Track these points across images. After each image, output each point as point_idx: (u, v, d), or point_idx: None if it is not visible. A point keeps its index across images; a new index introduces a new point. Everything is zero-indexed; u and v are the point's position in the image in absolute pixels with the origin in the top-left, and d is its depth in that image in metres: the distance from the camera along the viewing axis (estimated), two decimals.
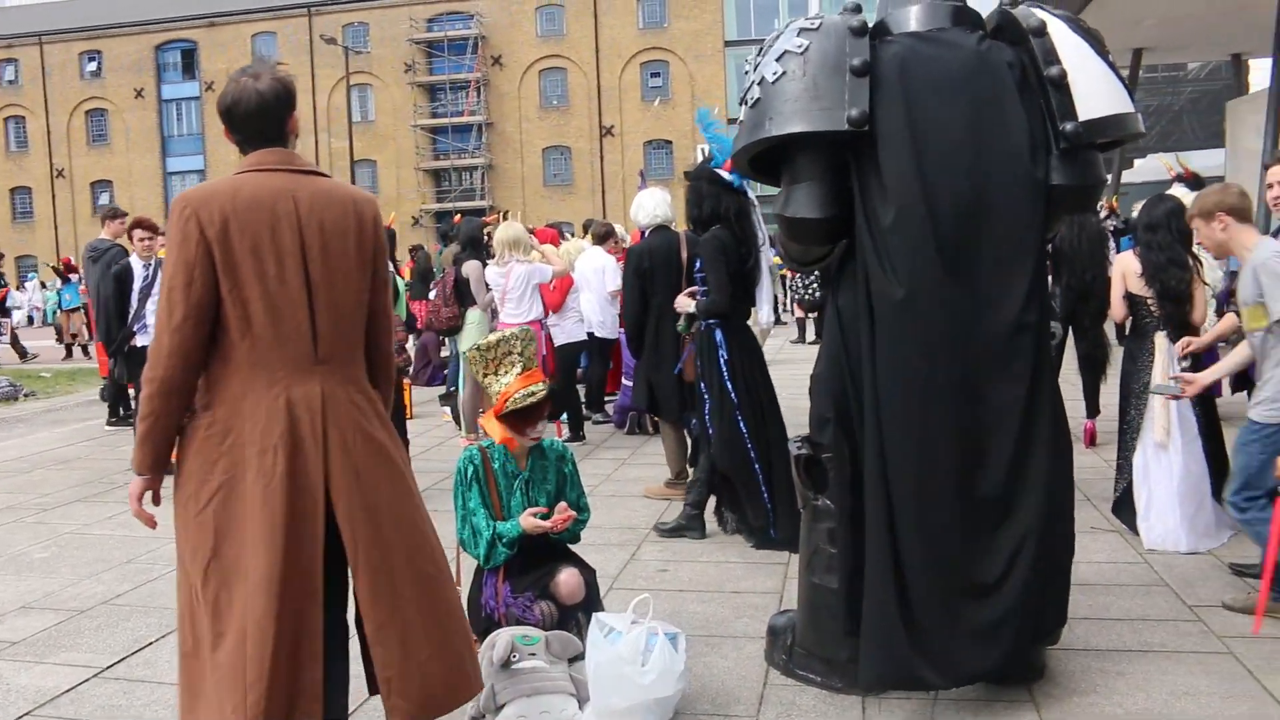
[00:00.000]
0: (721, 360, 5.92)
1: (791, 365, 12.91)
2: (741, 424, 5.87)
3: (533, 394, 4.10)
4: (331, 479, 2.88)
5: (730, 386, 5.90)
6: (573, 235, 14.80)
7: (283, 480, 2.81)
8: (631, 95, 50.64)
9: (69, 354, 20.79)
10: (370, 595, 2.92)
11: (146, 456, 2.93)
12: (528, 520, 4.08)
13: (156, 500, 3.02)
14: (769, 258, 6.24)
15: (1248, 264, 4.55)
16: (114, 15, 54.83)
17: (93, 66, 56.06)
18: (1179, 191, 8.95)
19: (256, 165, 2.96)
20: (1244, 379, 5.24)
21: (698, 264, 6.17)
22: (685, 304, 6.22)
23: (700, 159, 6.58)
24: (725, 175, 6.00)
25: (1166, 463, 5.74)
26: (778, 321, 15.42)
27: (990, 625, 3.68)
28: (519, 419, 4.14)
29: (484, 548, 4.09)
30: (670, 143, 50.17)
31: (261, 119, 2.97)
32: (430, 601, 3.02)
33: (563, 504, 4.17)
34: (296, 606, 2.81)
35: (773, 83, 3.82)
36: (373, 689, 3.04)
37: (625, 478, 7.87)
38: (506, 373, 4.15)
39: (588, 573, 4.30)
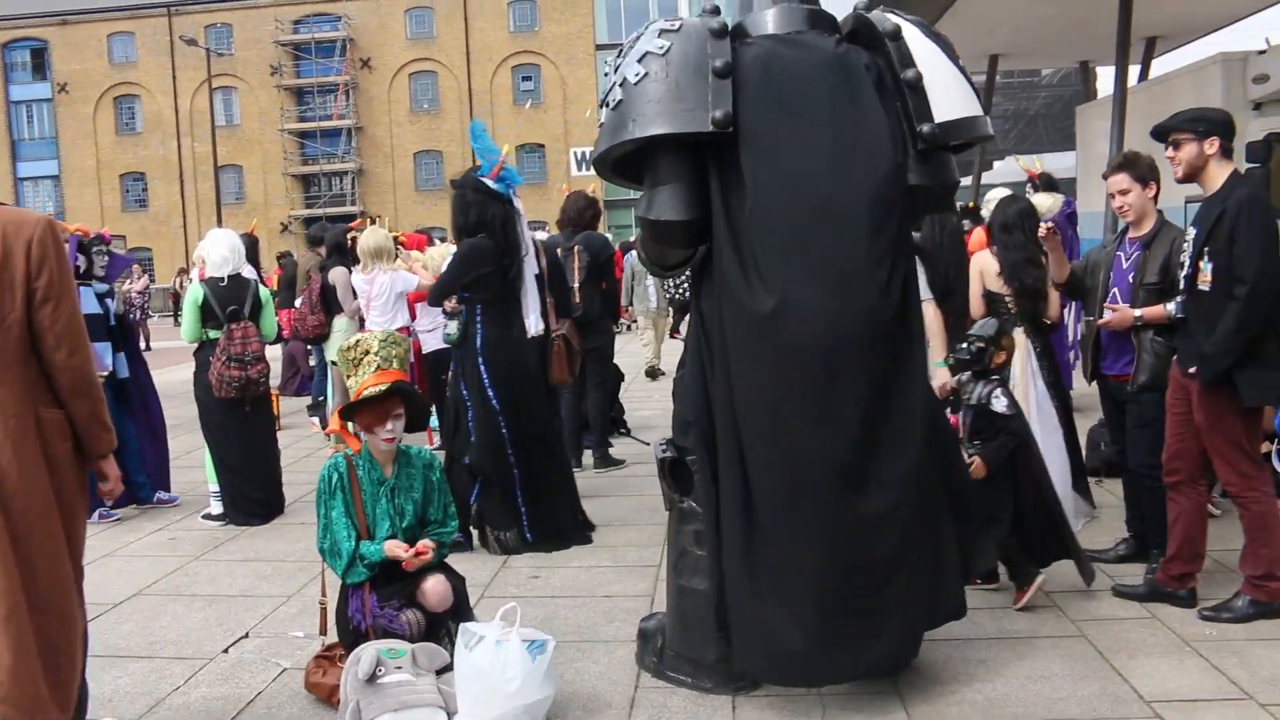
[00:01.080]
0: (480, 365, 5.96)
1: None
2: (504, 428, 5.94)
3: (380, 388, 4.02)
4: None
5: (491, 393, 5.94)
6: (444, 240, 14.60)
7: None
8: (503, 99, 50.31)
9: None
10: None
11: None
12: (391, 547, 4.00)
13: None
14: (533, 266, 6.27)
15: None
16: None
17: None
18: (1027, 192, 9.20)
19: None
20: (1097, 370, 5.43)
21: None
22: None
23: (571, 163, 6.60)
24: (491, 184, 6.05)
25: None
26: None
27: (873, 621, 3.73)
28: (367, 415, 4.06)
29: (344, 563, 4.00)
30: (543, 146, 49.95)
31: None
32: (15, 615, 3.07)
33: (424, 542, 4.08)
34: None
35: (635, 84, 3.81)
36: None
37: None
38: (364, 372, 4.08)
39: (456, 580, 4.24)
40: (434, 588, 4.08)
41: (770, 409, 3.70)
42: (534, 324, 6.20)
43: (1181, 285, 4.66)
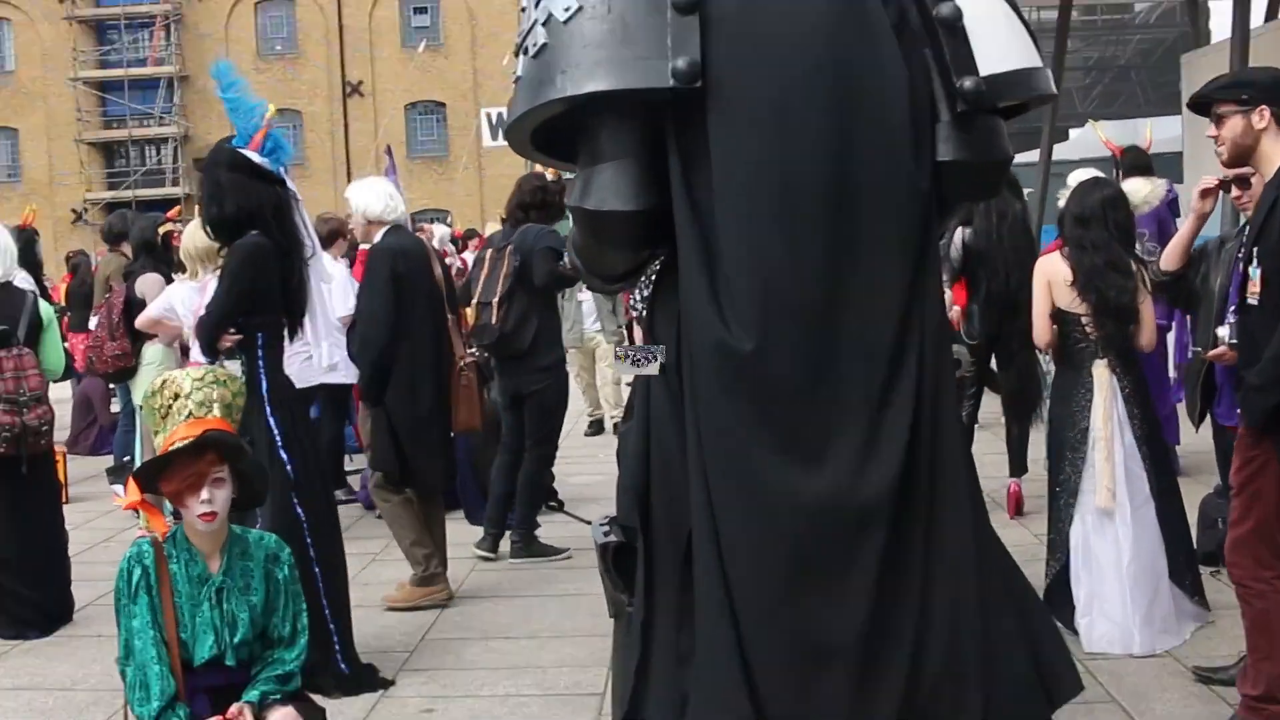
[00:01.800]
0: (269, 419, 5.72)
1: None
2: (298, 508, 5.66)
3: (188, 441, 3.95)
4: None
5: (285, 455, 5.69)
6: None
7: None
8: (388, 40, 50.42)
9: None
10: None
11: None
12: None
13: None
14: (320, 272, 6.15)
15: None
16: None
17: None
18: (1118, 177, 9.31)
19: None
20: (1207, 414, 5.52)
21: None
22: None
23: (483, 129, 6.52)
24: (254, 157, 5.75)
25: (1112, 536, 5.94)
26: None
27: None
28: (175, 481, 3.98)
29: (153, 703, 3.93)
30: (443, 105, 50.15)
31: None
32: None
33: (236, 705, 4.02)
34: None
35: (564, 22, 3.82)
36: None
37: (377, 580, 7.73)
38: (174, 422, 4.02)
39: (314, 713, 4.22)
40: None
41: (737, 465, 3.73)
42: (324, 355, 6.02)
43: (1230, 300, 4.80)
